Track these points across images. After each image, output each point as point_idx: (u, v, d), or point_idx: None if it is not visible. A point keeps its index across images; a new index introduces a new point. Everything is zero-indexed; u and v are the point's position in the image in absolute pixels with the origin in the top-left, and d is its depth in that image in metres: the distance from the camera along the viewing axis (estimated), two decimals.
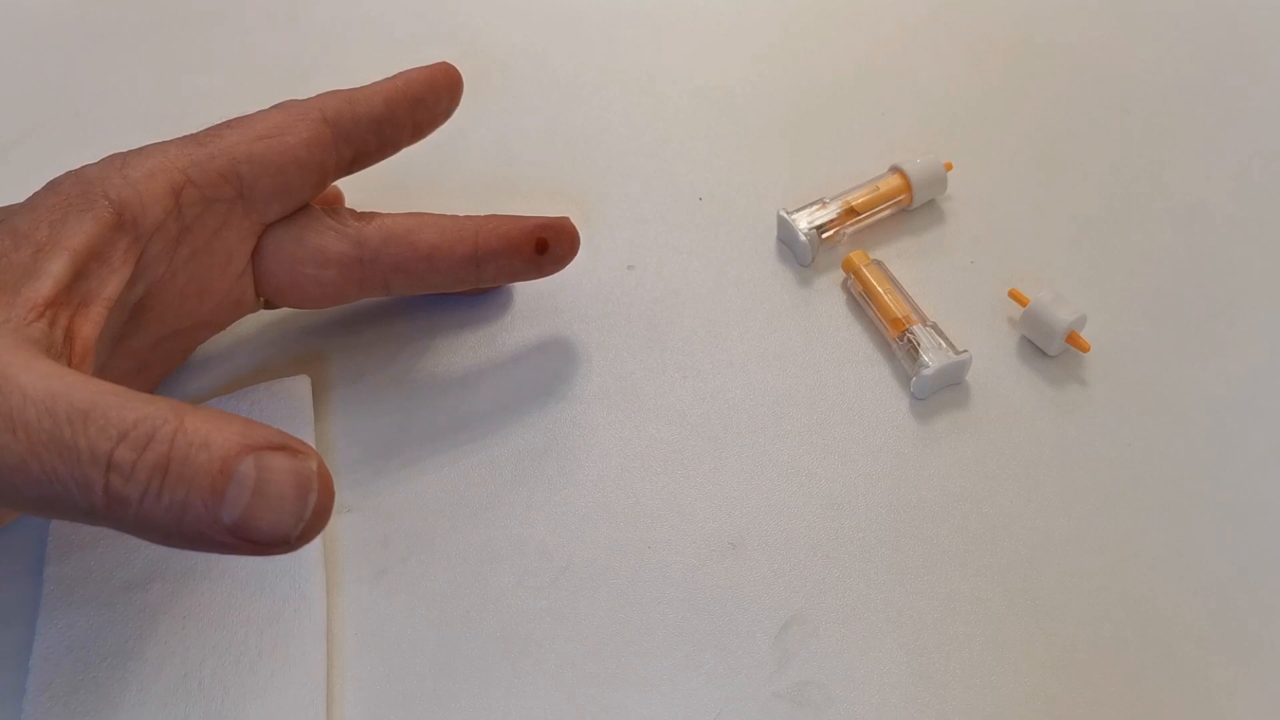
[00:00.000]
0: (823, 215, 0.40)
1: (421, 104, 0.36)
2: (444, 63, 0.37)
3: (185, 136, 0.33)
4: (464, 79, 0.38)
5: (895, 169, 0.42)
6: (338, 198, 0.39)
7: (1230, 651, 0.31)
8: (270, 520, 0.24)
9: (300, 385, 0.36)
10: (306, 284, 0.35)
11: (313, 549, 0.32)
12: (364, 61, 0.40)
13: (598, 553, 0.33)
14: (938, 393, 0.37)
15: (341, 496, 0.35)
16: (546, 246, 0.36)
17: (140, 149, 0.32)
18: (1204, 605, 0.32)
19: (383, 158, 0.37)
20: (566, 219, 0.37)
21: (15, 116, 0.47)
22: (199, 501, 0.24)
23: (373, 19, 0.51)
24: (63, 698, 0.29)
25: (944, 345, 0.36)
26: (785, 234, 0.41)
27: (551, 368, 0.38)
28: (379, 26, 0.51)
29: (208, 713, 0.29)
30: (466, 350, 0.39)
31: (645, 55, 0.49)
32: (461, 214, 0.37)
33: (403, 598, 0.32)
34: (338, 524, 0.34)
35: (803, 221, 0.40)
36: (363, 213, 0.36)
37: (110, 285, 0.30)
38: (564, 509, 0.34)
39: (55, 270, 0.28)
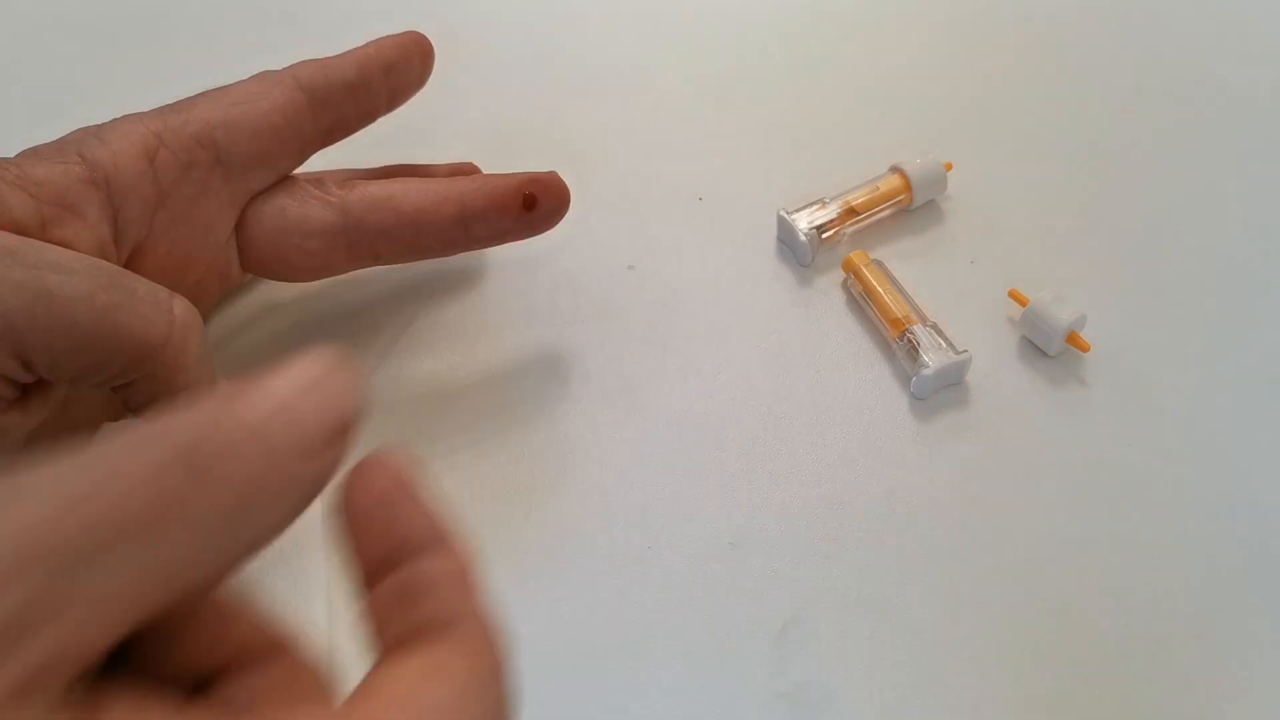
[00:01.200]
0: (823, 215, 0.40)
1: (394, 70, 0.36)
2: (413, 31, 0.37)
3: (161, 106, 0.33)
4: (463, 79, 0.38)
5: (895, 169, 0.42)
6: (317, 181, 0.39)
7: (1230, 651, 0.31)
8: None
9: None
10: (292, 254, 0.35)
11: (313, 548, 0.32)
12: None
13: (598, 553, 0.33)
14: (938, 393, 0.37)
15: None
16: (535, 202, 0.36)
17: (116, 119, 0.33)
18: (1204, 605, 0.32)
19: (360, 126, 0.37)
20: (554, 173, 0.36)
21: (14, 117, 0.47)
22: (210, 374, 0.30)
23: (371, 20, 0.51)
24: None
25: (944, 345, 0.36)
26: (785, 234, 0.41)
27: (552, 368, 0.38)
28: (378, 27, 0.51)
29: None
30: (466, 350, 0.38)
31: (645, 54, 0.49)
32: None
33: None
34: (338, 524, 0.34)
35: (803, 221, 0.40)
36: (346, 180, 0.36)
37: (85, 239, 0.30)
38: (564, 509, 0.34)
39: (15, 203, 0.29)
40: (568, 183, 0.38)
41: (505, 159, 0.45)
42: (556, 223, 0.37)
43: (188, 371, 0.28)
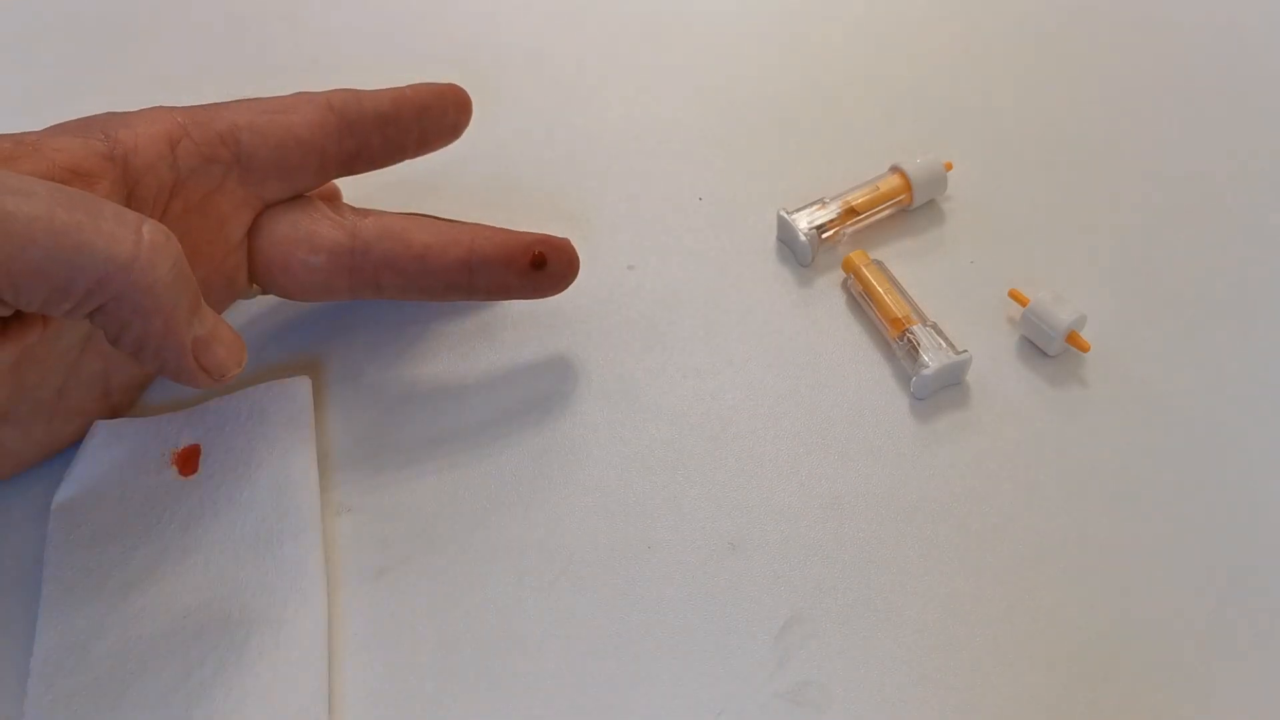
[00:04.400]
0: (823, 215, 0.40)
1: (428, 112, 0.37)
2: (456, 84, 0.38)
3: (196, 105, 0.34)
4: (465, 81, 0.38)
5: (895, 169, 0.42)
6: (335, 194, 0.39)
7: (1229, 652, 0.31)
8: (220, 358, 0.30)
9: (301, 386, 0.36)
10: (296, 267, 0.35)
11: (313, 548, 0.32)
12: (364, 63, 0.40)
13: (598, 553, 0.33)
14: (938, 393, 0.37)
15: (341, 497, 0.35)
16: (544, 261, 0.36)
17: (148, 108, 0.33)
18: (1204, 605, 0.32)
19: (387, 162, 0.37)
20: (567, 240, 0.36)
21: (14, 119, 0.47)
22: (193, 298, 0.29)
23: (371, 21, 0.51)
24: (63, 698, 0.29)
25: (944, 345, 0.36)
26: (785, 234, 0.41)
27: (551, 368, 0.38)
28: (378, 28, 0.51)
29: (208, 713, 0.29)
30: (467, 350, 0.39)
31: (645, 55, 0.49)
32: (461, 217, 0.37)
33: (403, 598, 0.32)
34: (338, 524, 0.34)
35: (803, 221, 0.40)
36: (363, 209, 0.37)
37: None
38: (564, 509, 0.34)
39: (27, 165, 0.29)
40: (569, 181, 0.38)
41: (506, 161, 0.45)
42: (563, 288, 0.37)
43: (160, 294, 0.28)
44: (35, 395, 0.32)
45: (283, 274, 0.35)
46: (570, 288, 0.38)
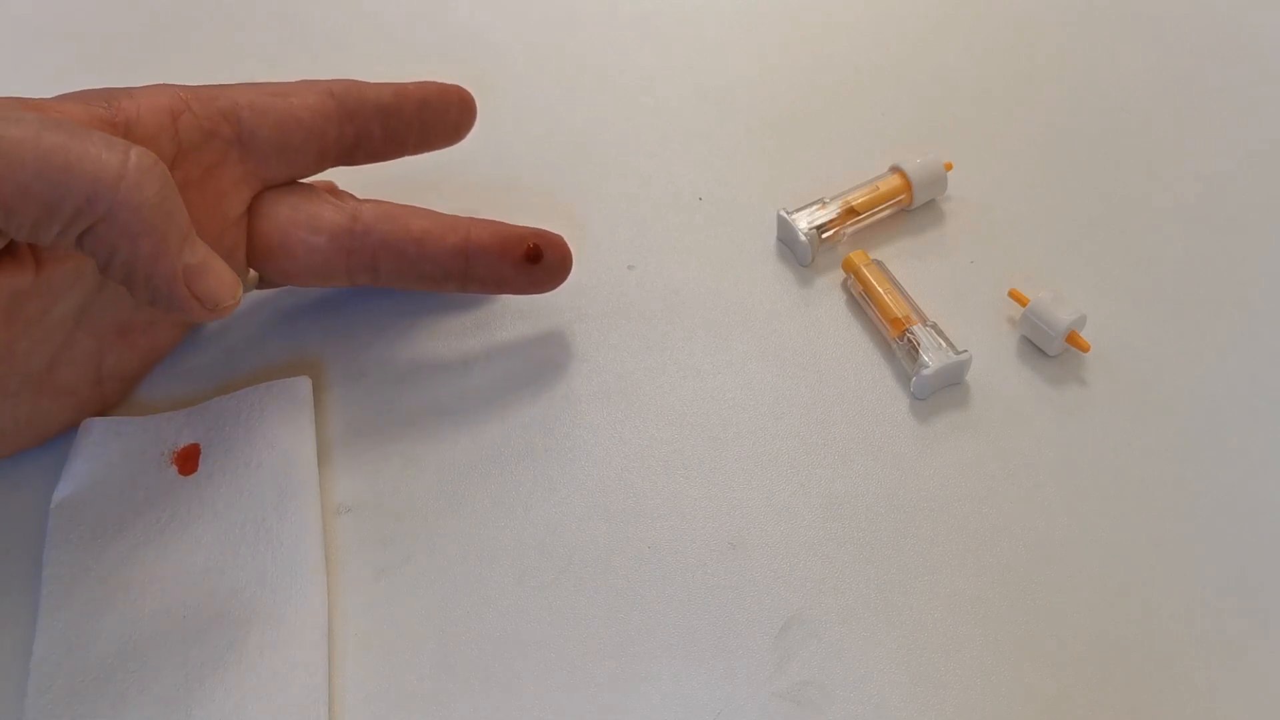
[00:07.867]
0: (823, 215, 0.40)
1: (429, 108, 0.37)
2: (460, 85, 0.38)
3: (196, 85, 0.35)
4: (464, 80, 0.38)
5: (895, 169, 0.42)
6: (334, 189, 0.40)
7: (1229, 652, 0.31)
8: (212, 287, 0.30)
9: (300, 386, 0.36)
10: (296, 247, 0.35)
11: (313, 548, 0.32)
12: (364, 62, 0.40)
13: (598, 553, 0.33)
14: (938, 393, 0.37)
15: (341, 496, 0.35)
16: (539, 254, 0.36)
17: (153, 84, 0.34)
18: (1204, 605, 0.32)
19: (388, 155, 0.37)
20: (561, 236, 0.37)
21: None
22: (183, 225, 0.29)
23: (372, 19, 0.51)
24: (63, 699, 0.29)
25: (944, 345, 0.36)
26: (785, 234, 0.41)
27: (552, 368, 0.38)
28: (378, 27, 0.51)
29: (208, 713, 0.29)
30: (466, 351, 0.39)
31: (645, 55, 0.49)
32: (461, 215, 0.37)
33: (403, 597, 0.32)
34: (338, 524, 0.34)
35: (803, 221, 0.40)
36: (363, 198, 0.37)
37: None
38: (564, 509, 0.34)
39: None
40: (569, 181, 0.38)
41: (506, 160, 0.45)
42: (556, 284, 0.37)
43: (147, 215, 0.28)
44: (25, 366, 0.32)
45: (283, 254, 0.36)
46: (570, 287, 0.38)
